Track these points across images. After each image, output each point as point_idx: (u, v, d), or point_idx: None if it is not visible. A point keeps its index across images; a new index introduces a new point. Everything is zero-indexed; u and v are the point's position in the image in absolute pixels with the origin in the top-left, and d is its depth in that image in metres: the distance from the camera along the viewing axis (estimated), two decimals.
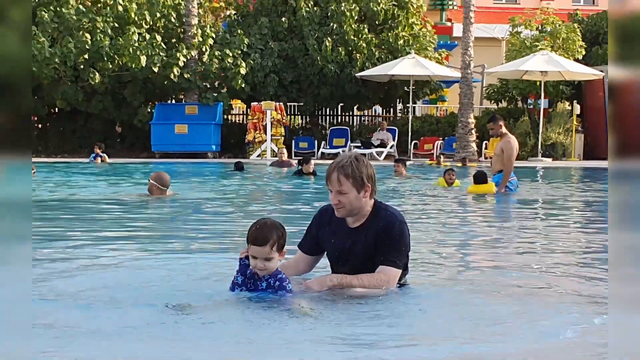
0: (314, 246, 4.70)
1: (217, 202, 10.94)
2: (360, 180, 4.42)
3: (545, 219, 9.59)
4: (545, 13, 26.70)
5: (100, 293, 4.48)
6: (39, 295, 4.37)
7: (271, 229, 4.20)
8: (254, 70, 25.57)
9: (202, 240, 7.05)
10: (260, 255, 4.17)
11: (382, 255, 4.43)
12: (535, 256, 6.39)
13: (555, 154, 24.52)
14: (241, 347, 3.47)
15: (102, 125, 26.44)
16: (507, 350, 3.50)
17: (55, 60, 23.28)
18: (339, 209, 4.48)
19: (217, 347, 3.47)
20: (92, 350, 3.38)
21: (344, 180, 4.41)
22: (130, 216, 9.12)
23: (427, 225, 8.29)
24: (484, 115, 27.17)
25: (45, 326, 3.73)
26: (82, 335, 3.60)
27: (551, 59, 23.57)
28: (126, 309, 4.08)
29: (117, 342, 3.51)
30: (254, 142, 25.00)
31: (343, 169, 4.42)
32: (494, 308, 4.26)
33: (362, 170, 4.44)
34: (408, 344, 3.63)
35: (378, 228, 4.46)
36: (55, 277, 4.95)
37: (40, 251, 5.87)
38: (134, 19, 24.70)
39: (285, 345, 3.50)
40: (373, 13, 26.23)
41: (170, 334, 3.65)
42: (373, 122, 29.71)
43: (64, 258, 5.76)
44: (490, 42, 33.73)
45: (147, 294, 4.43)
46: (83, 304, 4.22)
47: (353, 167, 4.43)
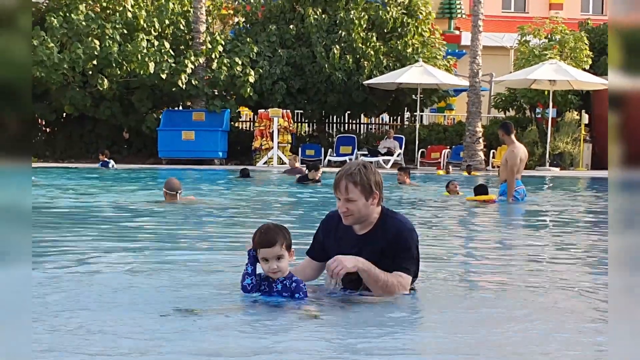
0: (321, 252, 4.67)
1: (222, 208, 10.93)
2: (369, 187, 4.41)
3: (552, 228, 9.54)
4: (554, 22, 26.68)
5: (108, 297, 4.48)
6: (51, 298, 4.38)
7: (276, 230, 4.25)
8: (262, 77, 25.60)
9: (208, 245, 7.05)
10: (272, 255, 4.18)
11: (394, 262, 4.42)
12: (541, 265, 6.36)
13: (563, 164, 24.45)
14: (246, 351, 3.44)
15: (109, 131, 26.50)
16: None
17: (63, 65, 23.36)
18: (347, 216, 4.46)
19: (223, 350, 3.44)
20: (100, 355, 3.36)
21: (352, 188, 4.40)
22: (137, 222, 9.13)
23: (432, 233, 8.26)
24: (491, 124, 27.15)
25: (56, 327, 3.73)
26: (90, 340, 3.59)
27: (560, 68, 23.53)
28: (135, 313, 4.07)
29: (125, 346, 3.49)
30: (260, 149, 25.00)
31: (351, 177, 4.41)
32: (502, 317, 4.23)
33: (370, 177, 4.43)
34: (412, 352, 3.60)
35: (388, 237, 4.44)
36: (65, 281, 4.96)
37: (50, 257, 5.87)
38: (142, 25, 24.77)
39: (290, 349, 3.48)
40: (382, 21, 26.24)
41: (178, 337, 3.63)
42: (380, 130, 29.70)
43: (71, 263, 5.77)
44: (499, 50, 33.70)
45: (154, 299, 4.42)
46: (92, 307, 4.22)
47: (361, 174, 4.42)
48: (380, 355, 3.46)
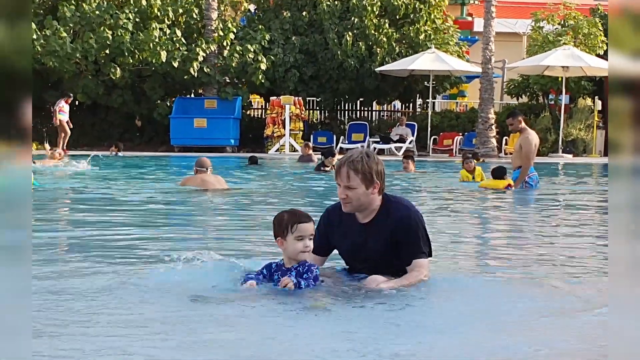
0: (323, 246, 4.71)
1: (231, 196, 10.94)
2: (370, 176, 4.44)
3: (564, 215, 9.51)
4: (568, 8, 26.49)
5: (118, 288, 4.49)
6: (68, 288, 4.42)
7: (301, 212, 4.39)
8: (274, 65, 25.57)
9: (218, 234, 7.05)
10: (308, 232, 4.29)
11: (408, 250, 4.45)
12: (553, 250, 6.33)
13: (575, 150, 24.34)
14: (253, 341, 3.46)
15: (121, 119, 26.58)
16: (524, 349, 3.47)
17: (76, 55, 23.43)
18: (346, 203, 4.51)
19: (230, 341, 3.46)
20: (109, 345, 3.39)
21: (353, 176, 4.43)
22: (149, 211, 9.15)
23: (443, 220, 8.25)
24: (504, 110, 27.01)
25: (69, 316, 3.76)
26: (98, 330, 3.61)
27: (573, 54, 23.39)
28: (145, 305, 4.10)
29: (134, 337, 3.51)
30: (272, 137, 25.00)
31: (353, 164, 4.44)
32: (514, 306, 4.22)
33: (372, 166, 4.46)
34: (421, 340, 3.60)
35: (393, 222, 4.46)
36: (76, 275, 4.99)
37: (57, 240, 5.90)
38: (156, 14, 24.77)
39: (296, 338, 3.50)
40: (394, 8, 26.13)
41: (185, 327, 3.65)
42: (392, 117, 29.63)
43: (83, 252, 5.78)
44: (511, 37, 33.50)
45: (162, 288, 4.43)
46: (101, 298, 4.24)
47: (363, 162, 4.45)
48: (382, 341, 3.47)
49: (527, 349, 3.43)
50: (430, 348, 3.45)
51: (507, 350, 3.43)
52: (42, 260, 5.23)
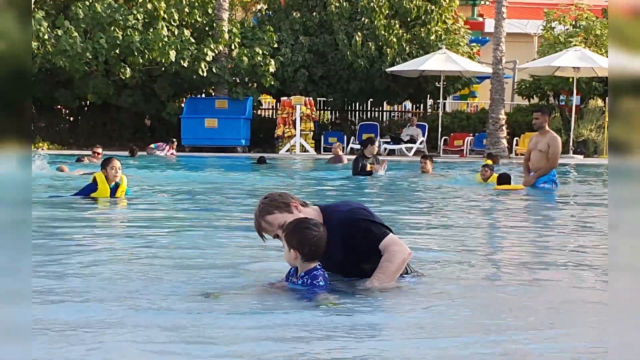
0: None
1: (237, 193, 10.96)
2: (283, 204, 4.37)
3: (582, 217, 9.46)
4: (580, 9, 26.42)
5: (126, 283, 4.52)
6: (79, 275, 4.45)
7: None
8: (284, 65, 25.59)
9: (227, 232, 7.05)
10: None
11: (369, 240, 4.38)
12: (566, 252, 6.32)
13: (586, 151, 24.27)
14: (259, 336, 3.46)
15: (131, 119, 26.65)
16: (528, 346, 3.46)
17: (87, 54, 23.51)
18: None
19: (237, 336, 3.46)
20: (117, 337, 3.40)
21: (272, 219, 4.35)
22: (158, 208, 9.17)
23: (461, 222, 8.23)
24: (515, 111, 26.98)
25: (81, 304, 3.78)
26: (108, 323, 3.62)
27: (584, 55, 23.32)
28: (155, 298, 4.10)
29: (142, 329, 3.52)
30: (283, 137, 25.02)
31: (261, 213, 4.36)
32: (520, 304, 4.22)
33: (274, 198, 4.40)
34: (426, 336, 3.59)
35: (339, 230, 4.36)
36: (86, 266, 5.01)
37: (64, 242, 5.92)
38: (162, 15, 24.79)
39: (302, 333, 3.49)
40: (405, 10, 26.08)
41: (195, 322, 3.65)
42: (403, 118, 29.61)
43: (90, 246, 5.82)
44: (522, 37, 33.44)
45: (173, 284, 4.44)
46: (113, 291, 4.25)
47: (266, 204, 4.38)
48: (387, 338, 3.46)
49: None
50: (431, 348, 3.44)
51: (515, 354, 3.42)
52: (41, 260, 5.24)
